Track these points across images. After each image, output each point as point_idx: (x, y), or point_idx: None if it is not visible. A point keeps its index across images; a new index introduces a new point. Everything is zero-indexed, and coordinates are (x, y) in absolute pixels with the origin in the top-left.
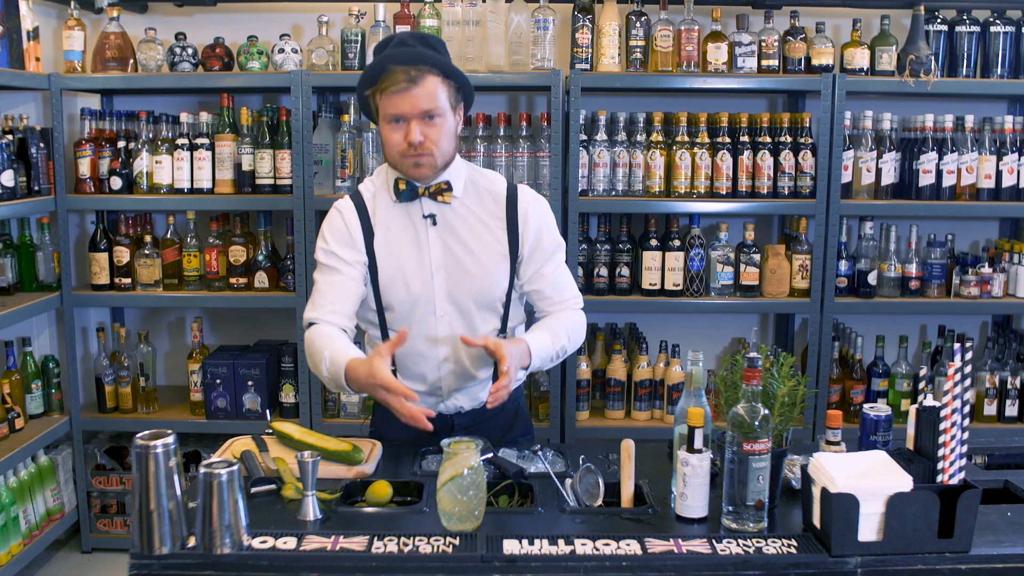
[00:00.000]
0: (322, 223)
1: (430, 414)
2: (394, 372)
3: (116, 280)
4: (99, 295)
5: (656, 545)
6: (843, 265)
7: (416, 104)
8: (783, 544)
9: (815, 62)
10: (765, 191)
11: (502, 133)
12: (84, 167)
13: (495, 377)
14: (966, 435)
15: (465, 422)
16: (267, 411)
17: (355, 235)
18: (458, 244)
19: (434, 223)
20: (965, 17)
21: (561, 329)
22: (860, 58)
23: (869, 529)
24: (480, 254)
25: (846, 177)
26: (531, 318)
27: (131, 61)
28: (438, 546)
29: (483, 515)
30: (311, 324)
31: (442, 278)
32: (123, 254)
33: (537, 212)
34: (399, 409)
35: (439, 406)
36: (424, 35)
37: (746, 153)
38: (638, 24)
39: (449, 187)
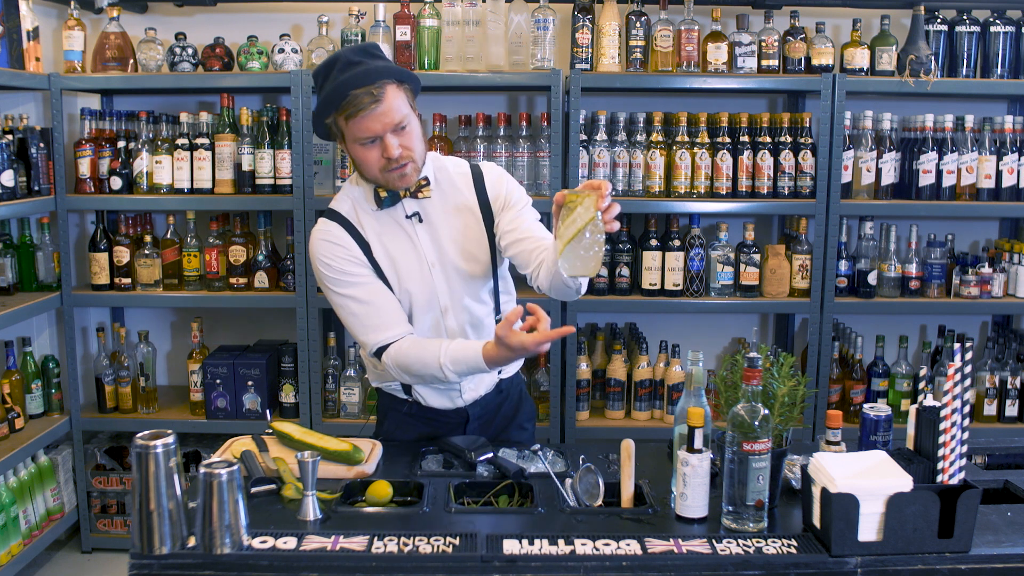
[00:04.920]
0: (311, 258)
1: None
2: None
3: (116, 280)
4: (99, 295)
5: (656, 545)
6: (843, 265)
7: (385, 121)
8: (783, 544)
9: (815, 62)
10: (765, 191)
11: (502, 133)
12: (84, 167)
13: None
14: (966, 435)
15: (478, 411)
16: (267, 411)
17: (354, 251)
18: (444, 234)
19: (420, 220)
20: (965, 17)
21: None
22: (860, 58)
23: (869, 529)
24: (465, 238)
25: (846, 177)
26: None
27: (131, 61)
28: (438, 546)
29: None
30: (386, 346)
31: (439, 272)
32: (123, 254)
33: (501, 177)
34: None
35: (456, 400)
36: (365, 47)
37: (746, 153)
38: (638, 24)
39: (428, 182)
